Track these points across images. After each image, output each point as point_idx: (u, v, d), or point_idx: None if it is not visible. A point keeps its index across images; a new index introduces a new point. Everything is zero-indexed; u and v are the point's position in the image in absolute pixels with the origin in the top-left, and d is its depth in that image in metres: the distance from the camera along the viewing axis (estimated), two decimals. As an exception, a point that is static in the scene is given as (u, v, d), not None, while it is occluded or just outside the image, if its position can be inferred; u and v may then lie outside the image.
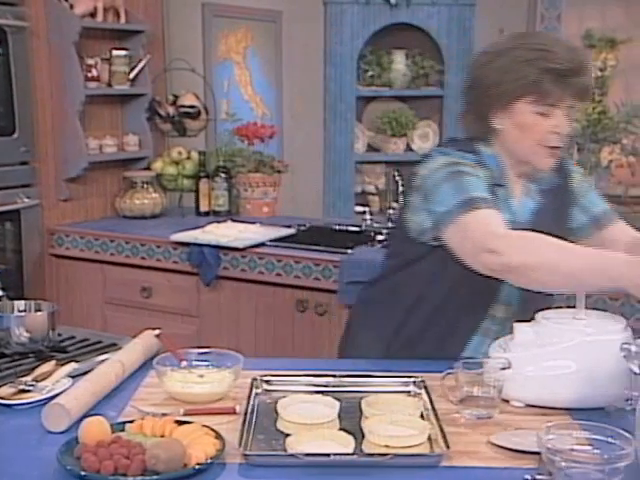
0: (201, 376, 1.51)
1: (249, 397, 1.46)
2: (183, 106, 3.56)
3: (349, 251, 2.83)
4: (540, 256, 1.40)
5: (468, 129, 1.72)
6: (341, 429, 1.34)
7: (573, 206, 1.76)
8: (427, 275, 1.69)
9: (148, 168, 3.56)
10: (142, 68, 3.45)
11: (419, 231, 1.67)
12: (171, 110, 3.56)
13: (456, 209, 1.52)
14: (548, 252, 1.41)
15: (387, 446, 1.27)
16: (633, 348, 1.18)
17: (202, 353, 1.59)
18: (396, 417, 1.35)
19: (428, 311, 1.71)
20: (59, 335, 1.80)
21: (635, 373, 1.18)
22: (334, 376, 1.55)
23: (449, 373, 1.45)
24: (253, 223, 3.23)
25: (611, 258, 1.38)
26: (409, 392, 1.51)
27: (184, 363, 1.56)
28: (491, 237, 1.45)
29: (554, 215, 1.71)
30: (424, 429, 1.31)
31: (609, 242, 1.72)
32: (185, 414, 1.40)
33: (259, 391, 1.51)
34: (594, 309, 1.59)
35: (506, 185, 1.67)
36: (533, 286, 1.45)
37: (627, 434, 1.16)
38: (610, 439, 1.17)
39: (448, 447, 1.25)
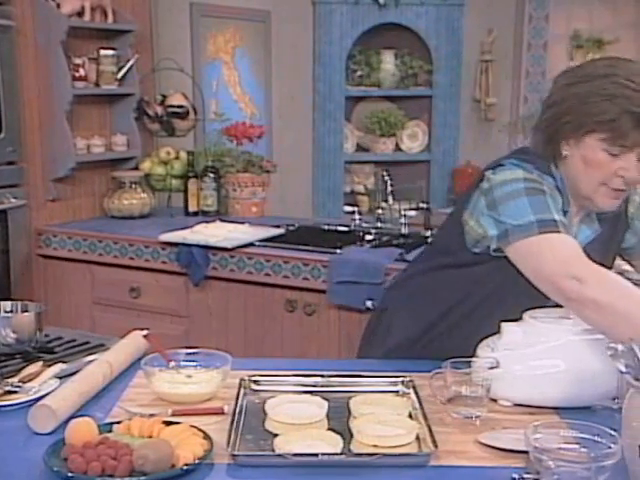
0: (189, 376, 1.51)
1: (237, 397, 1.45)
2: (171, 106, 3.55)
3: (338, 251, 2.83)
4: (612, 297, 1.38)
5: (536, 145, 1.65)
6: (329, 429, 1.34)
7: (626, 230, 1.73)
8: (476, 278, 1.64)
9: (136, 168, 3.55)
10: (130, 68, 3.44)
11: (476, 236, 1.61)
12: (159, 110, 3.55)
13: (534, 226, 1.48)
14: (621, 297, 1.38)
15: (375, 446, 1.27)
16: (619, 347, 1.19)
17: (190, 353, 1.59)
18: (384, 417, 1.35)
19: (465, 314, 1.67)
20: (46, 336, 1.79)
21: (621, 372, 1.18)
22: (322, 376, 1.55)
23: (437, 373, 1.45)
24: (242, 223, 3.23)
25: None
26: (397, 392, 1.51)
27: (172, 363, 1.56)
28: (577, 263, 1.43)
29: (607, 242, 1.68)
30: (412, 429, 1.31)
31: None
32: (173, 414, 1.40)
33: (247, 391, 1.51)
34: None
35: (569, 211, 1.62)
36: (590, 322, 1.43)
37: (614, 433, 1.16)
38: (597, 438, 1.17)
39: (436, 446, 1.26)
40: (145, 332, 1.72)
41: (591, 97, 1.50)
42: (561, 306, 1.52)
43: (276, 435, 1.31)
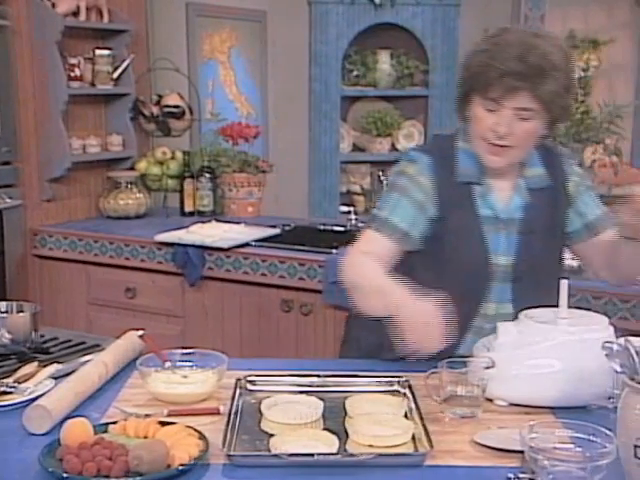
0: (185, 377, 1.51)
1: (233, 397, 1.45)
2: (167, 106, 3.55)
3: (334, 251, 2.83)
4: (357, 278, 1.57)
5: (459, 119, 1.75)
6: (325, 429, 1.34)
7: (569, 207, 1.74)
8: (420, 273, 1.67)
9: (132, 168, 3.54)
10: (126, 68, 3.43)
11: None
12: (155, 110, 3.55)
13: (373, 219, 1.68)
14: (373, 280, 1.54)
15: (371, 445, 1.27)
16: (615, 347, 1.19)
17: (186, 354, 1.59)
18: (380, 417, 1.35)
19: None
20: (42, 336, 1.78)
21: (617, 372, 1.19)
22: (318, 376, 1.55)
23: (433, 372, 1.45)
24: (238, 223, 3.22)
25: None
26: (393, 392, 1.51)
27: (168, 364, 1.55)
28: (353, 253, 1.64)
29: (547, 214, 1.70)
30: (408, 428, 1.31)
31: (600, 248, 1.72)
32: (169, 415, 1.40)
33: (243, 391, 1.50)
34: (577, 308, 1.60)
35: (483, 181, 1.67)
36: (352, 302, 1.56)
37: (609, 432, 1.16)
38: (592, 437, 1.17)
39: (432, 446, 1.26)
40: (141, 332, 1.72)
41: (475, 58, 1.61)
42: (556, 306, 1.52)
43: (272, 435, 1.31)
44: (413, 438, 1.31)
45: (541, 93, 1.54)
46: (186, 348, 1.62)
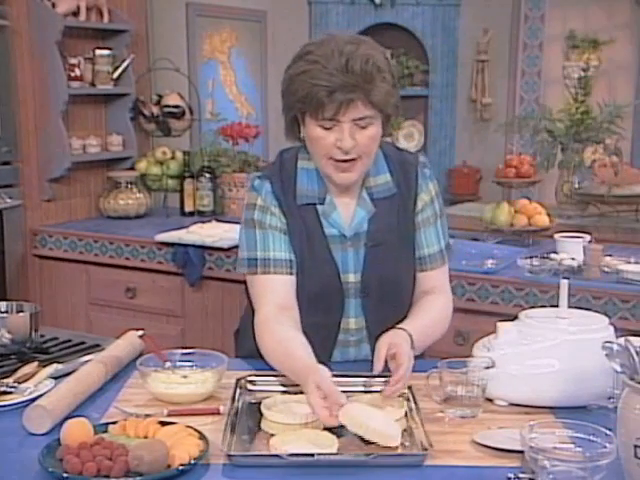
0: (185, 377, 1.51)
1: (233, 397, 1.45)
2: (167, 106, 3.55)
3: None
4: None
5: (292, 140, 1.67)
6: (325, 429, 1.33)
7: (412, 225, 1.68)
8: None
9: (132, 168, 3.54)
10: (126, 68, 3.43)
11: None
12: (155, 110, 3.55)
13: (250, 263, 1.62)
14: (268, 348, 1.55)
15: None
16: (615, 347, 1.19)
17: (186, 354, 1.59)
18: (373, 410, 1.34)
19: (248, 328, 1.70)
20: (42, 336, 1.78)
21: (617, 371, 1.19)
22: (318, 376, 1.54)
23: (433, 372, 1.45)
24: (238, 223, 3.21)
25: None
26: (393, 392, 1.51)
27: (168, 364, 1.55)
28: (260, 312, 1.60)
29: (394, 223, 1.65)
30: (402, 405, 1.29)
31: (418, 285, 1.70)
32: (169, 415, 1.40)
33: (243, 391, 1.50)
34: (577, 308, 1.60)
35: (326, 199, 1.62)
36: None
37: (609, 432, 1.16)
38: (592, 437, 1.18)
39: (432, 446, 1.26)
40: (140, 332, 1.72)
41: (292, 77, 1.54)
42: (556, 306, 1.52)
43: (272, 435, 1.31)
44: (411, 436, 1.31)
45: (374, 98, 1.50)
46: (186, 348, 1.61)
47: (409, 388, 1.49)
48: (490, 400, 1.45)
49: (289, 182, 1.64)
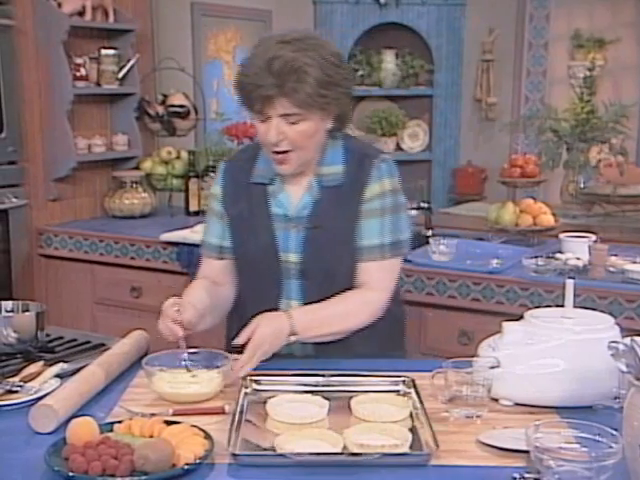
0: (193, 376, 1.51)
1: (238, 397, 1.45)
2: (172, 105, 3.55)
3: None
4: None
5: None
6: (330, 429, 1.33)
7: (356, 213, 1.71)
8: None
9: (137, 168, 3.55)
10: (131, 67, 3.44)
11: None
12: (160, 110, 3.55)
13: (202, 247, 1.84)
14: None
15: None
16: (621, 346, 1.18)
17: (191, 353, 1.59)
18: (381, 426, 1.34)
19: (234, 310, 1.81)
20: (47, 335, 1.79)
21: (622, 371, 1.18)
22: (323, 376, 1.55)
23: (438, 372, 1.45)
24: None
25: None
26: (398, 391, 1.51)
27: (173, 363, 1.55)
28: None
29: (337, 211, 1.70)
30: (407, 439, 1.28)
31: (356, 276, 1.72)
32: (174, 414, 1.40)
33: (248, 391, 1.50)
34: (582, 308, 1.60)
35: (274, 181, 1.73)
36: None
37: (615, 432, 1.16)
38: (598, 437, 1.17)
39: (437, 446, 1.26)
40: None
41: (237, 72, 1.67)
42: (561, 306, 1.52)
43: (277, 435, 1.31)
44: (417, 439, 1.31)
45: (295, 98, 1.57)
46: (191, 347, 1.61)
47: (414, 387, 1.49)
48: (495, 400, 1.45)
49: (248, 163, 1.76)
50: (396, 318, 1.86)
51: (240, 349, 1.56)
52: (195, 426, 1.31)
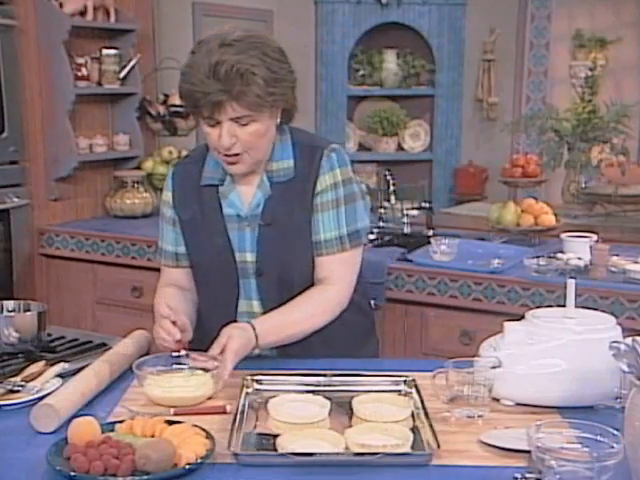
0: (183, 379, 1.50)
1: (240, 396, 1.45)
2: (174, 105, 3.55)
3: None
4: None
5: None
6: (331, 428, 1.33)
7: (309, 207, 1.70)
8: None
9: (139, 167, 3.55)
10: (132, 67, 3.44)
11: None
12: (162, 109, 3.55)
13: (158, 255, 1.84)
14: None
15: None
16: (622, 346, 1.18)
17: (185, 356, 1.57)
18: (382, 426, 1.34)
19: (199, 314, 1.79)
20: (49, 335, 1.79)
21: (624, 371, 1.18)
22: (325, 375, 1.55)
23: (440, 372, 1.45)
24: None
25: None
26: (400, 391, 1.51)
27: (165, 367, 1.54)
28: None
29: (289, 205, 1.70)
30: (408, 439, 1.28)
31: (315, 271, 1.72)
32: (175, 414, 1.40)
33: (250, 390, 1.50)
34: (584, 308, 1.60)
35: (225, 181, 1.72)
36: None
37: (616, 432, 1.16)
38: (599, 437, 1.17)
39: (438, 446, 1.25)
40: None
41: (180, 77, 1.62)
42: (563, 305, 1.52)
43: (278, 434, 1.31)
44: (419, 438, 1.31)
45: (245, 101, 1.55)
46: (192, 349, 1.61)
47: (415, 387, 1.49)
48: (497, 400, 1.45)
49: (197, 166, 1.76)
50: (362, 313, 1.85)
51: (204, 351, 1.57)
52: (196, 426, 1.31)
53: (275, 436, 1.30)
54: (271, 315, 1.67)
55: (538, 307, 1.75)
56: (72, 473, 1.17)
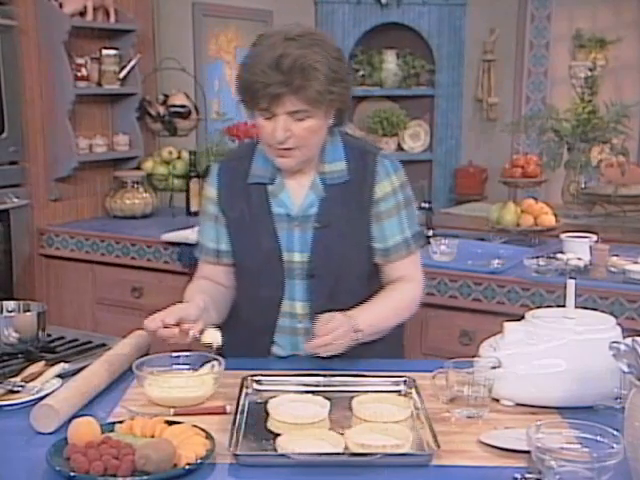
0: (182, 379, 1.49)
1: (239, 397, 1.45)
2: (174, 105, 3.55)
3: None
4: None
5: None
6: (331, 429, 1.33)
7: (371, 211, 1.71)
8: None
9: (138, 168, 3.55)
10: (132, 67, 3.44)
11: None
12: (161, 110, 3.55)
13: (197, 248, 1.84)
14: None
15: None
16: (622, 347, 1.18)
17: (184, 356, 1.57)
18: (382, 426, 1.34)
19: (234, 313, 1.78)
20: (49, 335, 1.79)
21: (624, 372, 1.18)
22: (324, 376, 1.55)
23: (440, 372, 1.45)
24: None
25: None
26: (399, 391, 1.51)
27: (165, 367, 1.54)
28: None
29: (345, 208, 1.69)
30: (408, 439, 1.28)
31: (385, 276, 1.75)
32: (175, 414, 1.40)
33: (249, 391, 1.50)
34: (583, 308, 1.60)
35: (276, 180, 1.71)
36: None
37: (616, 432, 1.16)
38: (599, 437, 1.17)
39: (438, 446, 1.25)
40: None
41: (239, 67, 1.64)
42: (563, 306, 1.52)
43: (278, 435, 1.31)
44: (418, 438, 1.31)
45: (305, 95, 1.55)
46: (191, 349, 1.61)
47: (415, 387, 1.49)
48: (496, 400, 1.45)
49: (244, 163, 1.74)
50: None
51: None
52: (196, 426, 1.31)
53: (275, 436, 1.30)
54: (364, 308, 1.65)
55: (538, 307, 1.75)
56: (72, 473, 1.17)
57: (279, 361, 1.69)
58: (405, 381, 1.52)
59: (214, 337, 1.55)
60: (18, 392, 1.48)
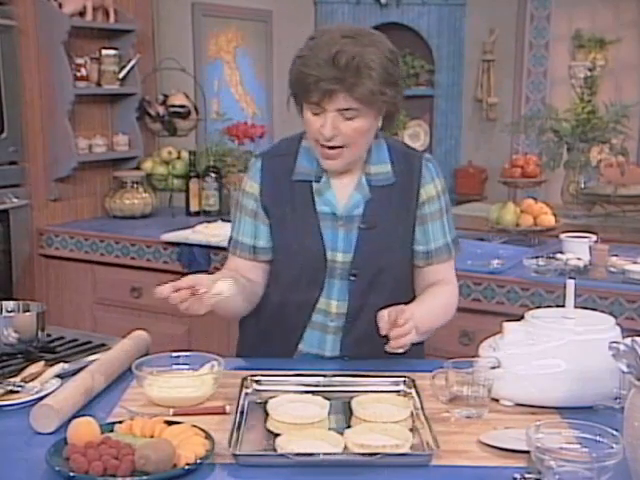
0: (181, 380, 1.49)
1: (239, 397, 1.45)
2: (173, 106, 3.55)
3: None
4: None
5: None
6: (331, 429, 1.33)
7: (416, 214, 1.71)
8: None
9: (138, 168, 3.55)
10: (132, 68, 3.44)
11: None
12: (161, 110, 3.55)
13: (229, 242, 1.78)
14: None
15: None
16: (622, 347, 1.18)
17: (183, 356, 1.57)
18: (382, 426, 1.34)
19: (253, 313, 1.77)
20: (48, 335, 1.79)
21: (624, 372, 1.18)
22: (324, 376, 1.55)
23: (439, 372, 1.45)
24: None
25: None
26: (399, 391, 1.51)
27: (164, 367, 1.54)
28: None
29: (390, 210, 1.69)
30: (408, 439, 1.28)
31: (424, 281, 1.74)
32: (175, 414, 1.40)
33: (249, 391, 1.50)
34: (584, 308, 1.60)
35: (320, 178, 1.69)
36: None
37: (616, 432, 1.16)
38: (599, 438, 1.17)
39: (438, 446, 1.25)
40: None
41: (294, 60, 1.62)
42: (562, 306, 1.52)
43: (278, 435, 1.31)
44: (419, 438, 1.31)
45: (357, 93, 1.54)
46: (191, 349, 1.61)
47: (415, 387, 1.49)
48: (496, 400, 1.45)
49: (288, 159, 1.71)
50: None
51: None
52: (196, 426, 1.31)
53: (275, 436, 1.30)
54: (416, 304, 1.63)
55: (537, 307, 1.75)
56: (71, 473, 1.17)
57: (279, 361, 1.68)
58: (405, 381, 1.52)
59: (224, 287, 1.52)
60: (18, 392, 1.48)
